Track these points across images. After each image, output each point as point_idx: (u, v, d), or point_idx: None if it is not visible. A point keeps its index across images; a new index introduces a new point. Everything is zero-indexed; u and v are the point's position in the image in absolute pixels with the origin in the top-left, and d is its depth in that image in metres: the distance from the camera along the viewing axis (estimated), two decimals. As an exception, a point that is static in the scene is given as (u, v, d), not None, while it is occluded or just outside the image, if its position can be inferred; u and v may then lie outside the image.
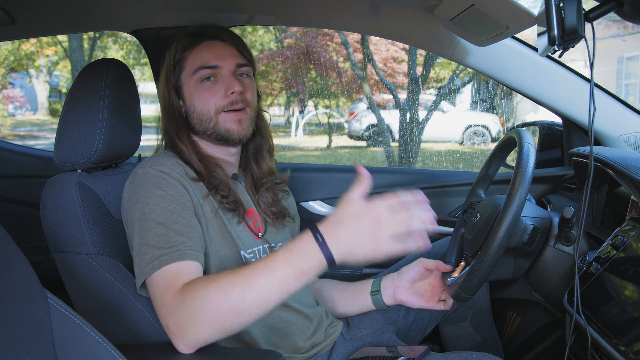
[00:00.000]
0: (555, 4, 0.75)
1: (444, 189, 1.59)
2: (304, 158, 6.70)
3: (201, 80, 1.04)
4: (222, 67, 1.04)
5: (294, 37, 6.55)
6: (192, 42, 1.05)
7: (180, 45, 1.06)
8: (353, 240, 0.74)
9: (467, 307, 1.36)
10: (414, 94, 5.22)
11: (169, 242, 0.87)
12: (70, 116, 1.02)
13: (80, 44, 7.70)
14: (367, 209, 0.74)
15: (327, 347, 1.14)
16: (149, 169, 0.95)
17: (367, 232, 0.73)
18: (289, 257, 0.75)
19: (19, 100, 9.06)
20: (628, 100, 1.38)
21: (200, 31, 1.07)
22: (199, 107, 1.04)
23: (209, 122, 1.04)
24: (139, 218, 0.90)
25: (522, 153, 1.02)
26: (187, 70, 1.05)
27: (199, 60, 1.04)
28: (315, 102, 7.46)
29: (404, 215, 0.73)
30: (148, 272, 0.85)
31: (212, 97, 1.03)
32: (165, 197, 0.92)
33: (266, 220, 1.12)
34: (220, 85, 1.04)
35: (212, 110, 1.03)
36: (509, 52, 1.37)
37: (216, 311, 0.76)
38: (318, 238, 0.74)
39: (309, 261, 0.74)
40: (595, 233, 1.11)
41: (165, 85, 1.07)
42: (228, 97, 1.03)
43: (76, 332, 0.69)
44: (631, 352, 0.77)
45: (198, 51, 1.04)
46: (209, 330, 0.77)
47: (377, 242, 0.73)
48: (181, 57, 1.05)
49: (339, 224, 0.74)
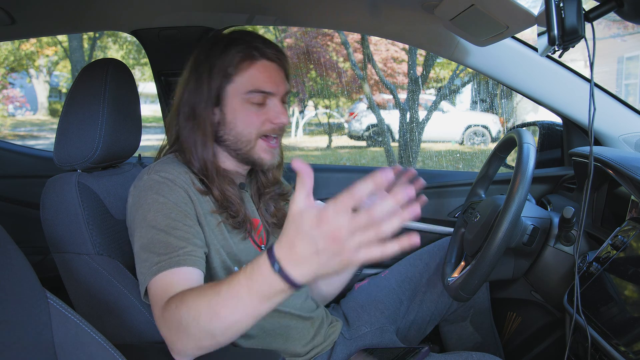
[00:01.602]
0: (555, 4, 0.75)
1: (444, 189, 1.59)
2: (304, 158, 6.68)
3: (249, 101, 0.98)
4: (276, 94, 1.00)
5: (294, 37, 6.55)
6: (249, 58, 0.98)
7: (236, 57, 0.97)
8: (314, 260, 0.61)
9: (467, 307, 1.36)
10: (414, 94, 5.21)
11: (168, 249, 0.86)
12: (70, 116, 1.02)
13: (80, 44, 7.70)
14: (318, 223, 0.59)
15: (327, 347, 1.14)
16: (153, 175, 0.94)
17: (326, 249, 0.60)
18: (250, 285, 0.67)
19: (19, 100, 9.06)
20: (628, 100, 1.38)
21: (257, 47, 0.99)
22: (240, 127, 0.99)
23: (246, 144, 1.00)
24: (141, 225, 0.90)
25: (522, 153, 1.02)
26: (237, 84, 0.98)
27: (255, 81, 0.98)
28: (315, 102, 7.46)
29: (364, 219, 0.58)
30: (148, 278, 0.85)
31: (258, 121, 0.99)
32: (168, 204, 0.91)
33: (267, 230, 1.11)
34: (267, 110, 1.00)
35: (253, 134, 1.00)
36: (509, 52, 1.37)
37: (192, 332, 0.74)
38: (275, 267, 0.64)
39: (271, 287, 0.66)
40: (595, 233, 1.11)
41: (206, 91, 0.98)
42: (273, 124, 1.00)
43: (76, 332, 0.69)
44: (631, 352, 0.77)
45: (255, 70, 0.98)
46: (192, 346, 0.76)
47: (343, 257, 0.60)
48: (236, 68, 0.97)
49: (294, 246, 0.62)
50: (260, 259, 0.66)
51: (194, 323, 0.73)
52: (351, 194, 0.58)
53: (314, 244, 0.60)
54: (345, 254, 0.60)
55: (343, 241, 0.59)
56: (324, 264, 0.61)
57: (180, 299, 0.77)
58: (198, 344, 0.75)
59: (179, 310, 0.75)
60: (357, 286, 1.38)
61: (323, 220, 0.59)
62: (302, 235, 0.61)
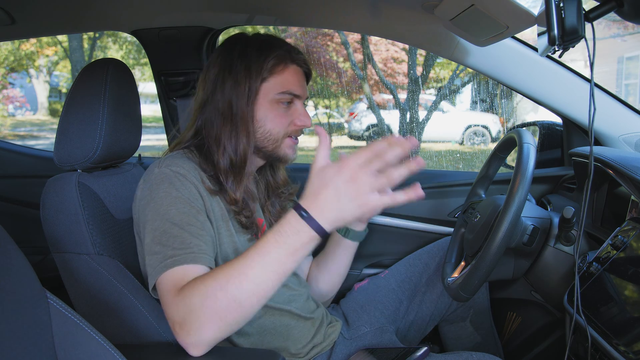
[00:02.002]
0: (555, 4, 0.75)
1: (444, 189, 1.59)
2: (304, 158, 6.68)
3: (279, 101, 1.04)
4: (301, 97, 1.07)
5: (294, 37, 6.54)
6: (283, 61, 1.04)
7: (272, 60, 1.03)
8: (336, 205, 0.72)
9: (467, 307, 1.36)
10: (414, 94, 5.22)
11: (184, 244, 0.86)
12: (70, 116, 1.02)
13: (80, 44, 7.70)
14: (340, 170, 0.72)
15: (327, 347, 1.14)
16: (164, 169, 0.94)
17: (346, 193, 0.71)
18: (278, 238, 0.75)
19: (19, 100, 9.06)
20: (628, 100, 1.38)
21: (290, 53, 1.06)
22: (269, 126, 1.03)
23: (273, 142, 1.05)
24: (153, 218, 0.89)
25: (522, 153, 1.02)
26: (271, 84, 1.03)
27: (287, 83, 1.04)
28: (315, 102, 7.45)
29: (378, 164, 0.71)
30: (160, 271, 0.84)
31: (285, 121, 1.05)
32: (181, 199, 0.91)
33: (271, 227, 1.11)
34: (293, 112, 1.06)
35: (281, 133, 1.04)
36: (509, 52, 1.37)
37: (217, 306, 0.75)
38: (302, 214, 0.74)
39: (300, 238, 0.74)
40: (595, 233, 1.11)
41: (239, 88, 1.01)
42: (297, 126, 1.06)
43: (76, 332, 0.69)
44: (631, 352, 0.77)
45: (288, 73, 1.04)
46: (213, 327, 0.76)
47: (360, 200, 0.71)
48: (271, 71, 1.03)
49: (318, 194, 0.73)
50: (287, 215, 0.75)
51: (222, 293, 0.74)
52: (368, 147, 0.73)
53: (336, 189, 0.72)
54: (362, 197, 0.71)
55: (361, 184, 0.71)
56: (345, 207, 0.72)
57: (207, 275, 0.78)
58: (221, 323, 0.75)
59: (203, 284, 0.76)
60: (357, 286, 1.38)
61: (344, 167, 0.72)
62: (326, 183, 0.73)
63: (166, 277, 0.84)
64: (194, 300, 0.77)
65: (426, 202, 1.59)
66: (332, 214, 0.73)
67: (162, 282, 0.84)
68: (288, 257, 0.75)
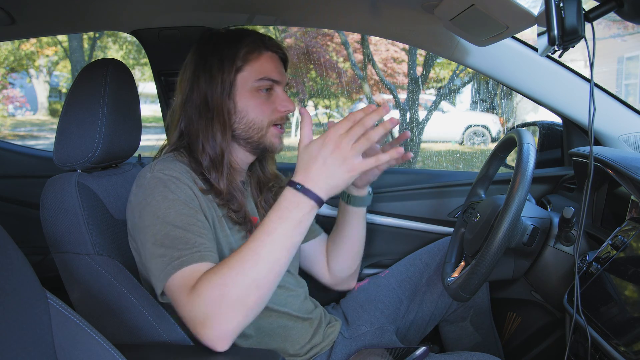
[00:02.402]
0: (555, 4, 0.75)
1: (444, 189, 1.59)
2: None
3: (258, 89, 1.04)
4: (280, 82, 1.06)
5: (294, 37, 6.54)
6: (257, 49, 1.04)
7: (244, 48, 1.03)
8: (326, 174, 0.79)
9: (467, 307, 1.36)
10: (414, 94, 5.21)
11: (188, 244, 0.86)
12: (70, 116, 1.01)
13: (80, 44, 7.69)
14: (324, 142, 0.79)
15: (326, 347, 1.14)
16: (157, 174, 0.94)
17: (333, 161, 0.78)
18: (281, 214, 0.79)
19: (19, 100, 9.05)
20: (628, 100, 1.38)
21: (262, 40, 1.06)
22: (252, 115, 1.04)
23: (258, 131, 1.04)
24: (152, 222, 0.89)
25: (522, 153, 1.02)
26: (246, 74, 1.03)
27: (263, 70, 1.04)
28: (315, 102, 7.45)
29: (357, 130, 0.78)
30: (169, 273, 0.84)
31: (268, 109, 1.05)
32: (178, 201, 0.91)
33: None
34: (275, 99, 1.06)
35: (265, 122, 1.04)
36: (509, 52, 1.37)
37: (237, 292, 0.77)
38: (297, 187, 0.79)
39: (301, 210, 0.79)
40: (595, 233, 1.11)
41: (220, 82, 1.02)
42: (281, 113, 1.06)
43: (76, 332, 0.69)
44: (631, 352, 0.77)
45: (263, 60, 1.04)
46: (237, 315, 0.77)
47: (347, 165, 0.78)
48: (245, 60, 1.03)
49: (308, 168, 0.80)
50: (284, 192, 0.80)
51: (240, 277, 0.77)
52: (346, 118, 0.80)
53: (323, 159, 0.78)
54: (348, 162, 0.78)
55: (344, 150, 0.77)
56: (334, 174, 0.78)
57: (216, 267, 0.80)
58: (242, 308, 0.76)
59: (219, 274, 0.77)
60: (357, 286, 1.38)
61: (327, 139, 0.79)
62: (314, 156, 0.79)
63: (176, 278, 0.83)
64: (213, 292, 0.77)
65: (426, 202, 1.59)
66: (324, 182, 0.79)
67: (172, 284, 0.84)
68: (293, 230, 0.79)
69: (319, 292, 1.32)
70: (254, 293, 0.78)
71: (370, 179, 1.13)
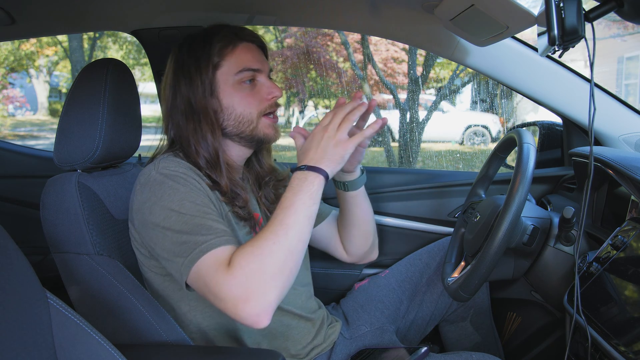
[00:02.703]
0: (555, 4, 0.75)
1: (444, 189, 1.59)
2: (303, 158, 6.68)
3: (241, 82, 1.03)
4: (262, 70, 1.05)
5: (294, 37, 6.54)
6: (231, 42, 1.03)
7: (218, 44, 1.02)
8: (322, 153, 0.91)
9: (467, 307, 1.36)
10: (414, 94, 5.21)
11: (211, 230, 0.86)
12: (70, 116, 1.02)
13: (80, 44, 7.69)
14: (314, 134, 0.94)
15: (327, 348, 1.14)
16: (163, 171, 0.93)
17: (325, 142, 0.92)
18: (295, 190, 0.88)
19: (19, 100, 9.06)
20: (628, 100, 1.38)
21: (236, 33, 1.05)
22: (239, 109, 1.03)
23: (248, 124, 1.04)
24: (167, 215, 0.88)
25: (522, 153, 1.02)
26: (225, 69, 1.02)
27: (241, 61, 1.03)
28: (315, 102, 7.45)
29: (340, 114, 0.94)
30: (196, 258, 0.83)
31: (254, 100, 1.04)
32: (190, 193, 0.91)
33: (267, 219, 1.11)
34: (259, 89, 1.05)
35: (254, 113, 1.03)
36: (509, 52, 1.37)
37: (276, 261, 0.80)
38: (303, 168, 0.90)
39: (311, 183, 0.88)
40: (595, 233, 1.11)
41: (199, 84, 1.02)
42: (268, 100, 1.05)
43: (76, 332, 0.69)
44: (631, 352, 0.77)
45: (239, 52, 1.03)
46: (277, 285, 0.79)
47: (337, 142, 0.91)
48: (220, 55, 1.02)
49: (307, 152, 0.93)
50: (293, 176, 0.91)
51: (276, 246, 0.82)
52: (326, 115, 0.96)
53: (317, 143, 0.92)
54: (338, 141, 0.92)
55: (331, 132, 0.92)
56: (329, 151, 0.91)
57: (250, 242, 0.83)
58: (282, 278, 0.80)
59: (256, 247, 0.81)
60: (357, 286, 1.38)
61: (315, 131, 0.95)
62: (309, 145, 0.94)
63: (206, 260, 0.83)
64: (253, 264, 0.79)
65: (426, 202, 1.59)
66: (324, 160, 0.91)
67: (202, 267, 0.83)
68: (310, 200, 0.87)
69: (319, 292, 1.32)
70: (290, 260, 0.82)
71: (359, 158, 1.12)
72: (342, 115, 0.94)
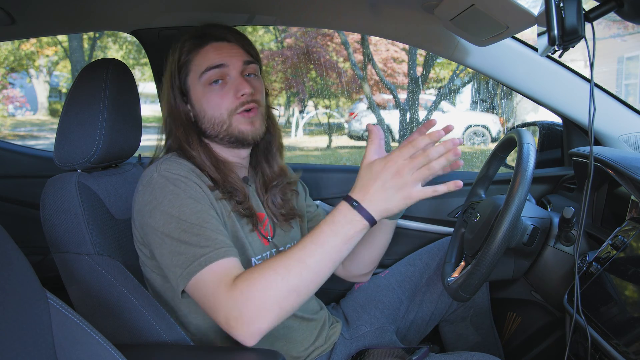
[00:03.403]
0: (555, 4, 0.75)
1: (444, 189, 1.59)
2: (304, 158, 6.70)
3: (209, 83, 1.01)
4: (229, 65, 1.01)
5: (294, 37, 6.54)
6: (197, 45, 1.02)
7: (185, 47, 1.02)
8: (383, 196, 0.78)
9: (467, 307, 1.36)
10: (414, 94, 5.22)
11: (209, 240, 0.86)
12: (70, 116, 1.01)
13: (80, 44, 7.69)
14: (386, 165, 0.78)
15: (327, 349, 1.14)
16: (164, 173, 0.93)
17: (392, 185, 0.78)
18: (334, 228, 0.80)
19: (19, 100, 9.05)
20: (628, 100, 1.38)
21: (204, 33, 1.03)
22: (210, 112, 1.01)
23: (221, 125, 1.02)
24: (167, 220, 0.88)
25: (522, 153, 1.02)
26: (193, 73, 1.02)
27: (205, 61, 1.01)
28: (315, 102, 7.46)
29: (421, 160, 0.77)
30: (194, 271, 0.84)
31: (223, 101, 1.01)
32: (190, 199, 0.90)
33: (274, 222, 1.10)
34: (230, 87, 1.01)
35: (224, 114, 1.01)
36: (509, 52, 1.37)
37: (278, 295, 0.78)
38: (354, 205, 0.79)
39: (353, 227, 0.79)
40: (595, 233, 1.11)
41: (170, 89, 1.04)
42: (239, 98, 1.01)
43: (76, 332, 0.69)
44: (631, 352, 0.77)
45: (204, 53, 1.01)
46: (272, 316, 0.79)
47: (404, 192, 0.78)
48: (186, 60, 1.02)
49: (368, 187, 0.79)
50: (339, 206, 0.81)
51: (282, 282, 0.78)
52: (411, 142, 0.78)
53: (383, 182, 0.78)
54: (406, 189, 0.78)
55: (404, 175, 0.77)
56: (391, 199, 0.78)
57: (260, 267, 0.80)
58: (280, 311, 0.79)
59: (262, 276, 0.78)
60: (357, 286, 1.38)
61: (390, 162, 0.78)
62: (374, 177, 0.79)
63: (205, 275, 0.83)
64: (255, 293, 0.78)
65: (426, 202, 1.59)
66: (380, 205, 0.79)
67: (200, 282, 0.84)
68: (343, 244, 0.80)
69: (319, 292, 1.32)
70: (293, 299, 0.80)
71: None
72: (427, 160, 0.77)
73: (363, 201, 0.79)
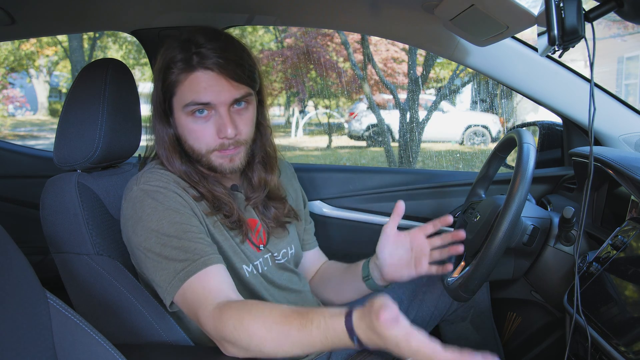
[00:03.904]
0: (555, 4, 0.75)
1: (444, 189, 1.59)
2: (304, 158, 6.71)
3: (192, 113, 0.94)
4: (214, 103, 0.93)
5: (294, 37, 6.54)
6: (188, 68, 0.92)
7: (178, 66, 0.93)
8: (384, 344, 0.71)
9: (467, 307, 1.36)
10: (414, 94, 5.22)
11: (188, 252, 0.86)
12: (70, 116, 1.01)
13: (80, 44, 7.69)
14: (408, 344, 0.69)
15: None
16: (143, 186, 0.93)
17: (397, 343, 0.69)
18: (324, 341, 0.75)
19: (19, 100, 9.05)
20: (628, 100, 1.38)
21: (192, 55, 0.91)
22: (190, 142, 0.97)
23: (200, 157, 0.98)
24: (147, 236, 0.89)
25: (522, 153, 1.02)
26: (177, 97, 0.95)
27: (190, 93, 0.92)
28: (315, 102, 7.46)
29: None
30: (176, 286, 0.85)
31: (204, 136, 0.95)
32: (169, 210, 0.90)
33: (268, 228, 1.09)
34: (213, 123, 0.94)
35: (202, 149, 0.96)
36: (509, 52, 1.37)
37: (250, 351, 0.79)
38: (355, 341, 0.73)
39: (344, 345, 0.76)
40: (595, 233, 1.11)
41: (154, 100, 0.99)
42: (220, 138, 0.95)
43: (76, 332, 0.69)
44: (631, 352, 0.77)
45: (191, 81, 0.92)
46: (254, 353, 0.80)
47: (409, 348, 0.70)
48: (177, 80, 0.93)
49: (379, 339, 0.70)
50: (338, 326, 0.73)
51: (256, 349, 0.78)
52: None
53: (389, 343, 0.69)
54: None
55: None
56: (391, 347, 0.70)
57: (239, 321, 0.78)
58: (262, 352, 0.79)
59: (238, 333, 0.78)
60: (357, 286, 1.37)
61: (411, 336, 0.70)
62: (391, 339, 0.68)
63: (187, 289, 0.85)
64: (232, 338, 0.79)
65: (426, 202, 1.59)
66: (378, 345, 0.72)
67: (184, 296, 0.85)
68: (325, 348, 0.77)
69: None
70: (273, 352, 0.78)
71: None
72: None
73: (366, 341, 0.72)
